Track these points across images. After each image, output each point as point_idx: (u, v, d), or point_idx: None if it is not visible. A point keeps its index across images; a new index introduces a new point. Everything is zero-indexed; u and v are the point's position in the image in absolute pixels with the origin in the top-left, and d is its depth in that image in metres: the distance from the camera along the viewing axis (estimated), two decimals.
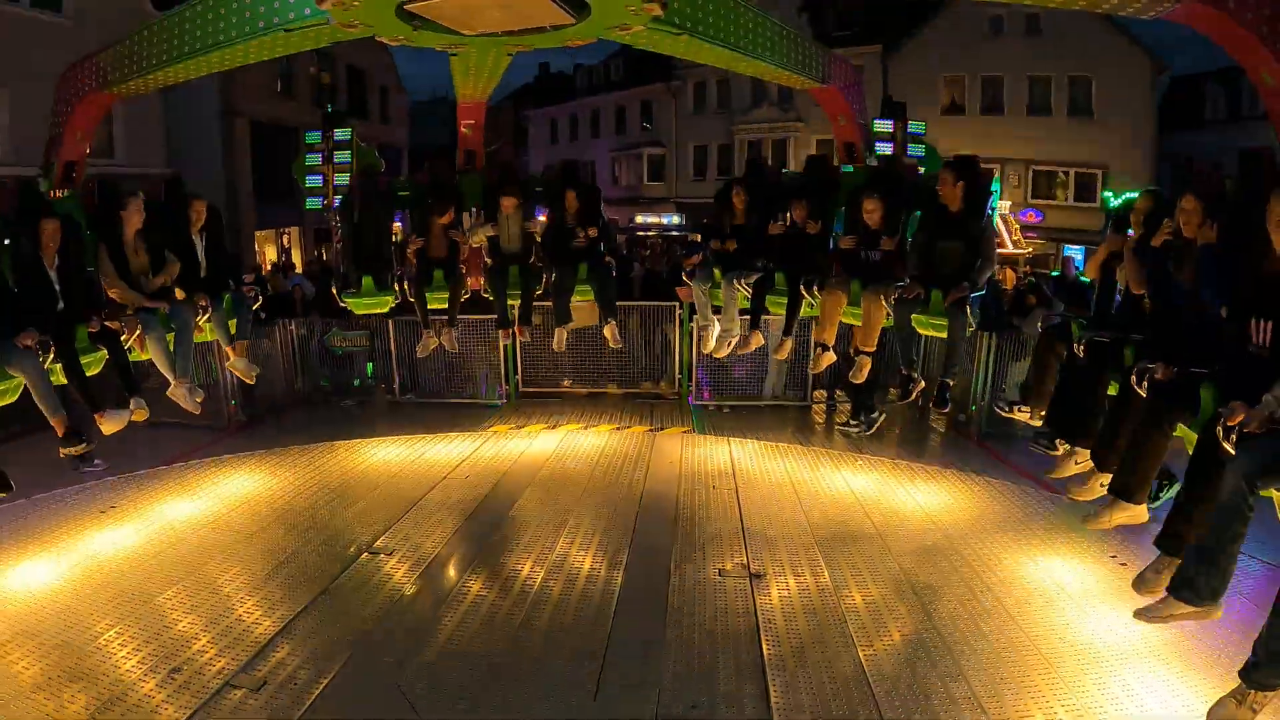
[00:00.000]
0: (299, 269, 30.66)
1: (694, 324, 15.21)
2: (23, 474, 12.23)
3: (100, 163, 21.89)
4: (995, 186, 8.78)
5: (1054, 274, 21.84)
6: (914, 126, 11.45)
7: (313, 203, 19.17)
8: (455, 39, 7.96)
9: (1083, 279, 14.03)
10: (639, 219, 54.77)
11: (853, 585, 8.84)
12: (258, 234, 34.95)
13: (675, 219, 52.95)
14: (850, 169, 10.09)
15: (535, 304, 15.11)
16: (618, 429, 14.68)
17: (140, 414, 8.41)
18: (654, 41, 8.06)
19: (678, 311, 15.84)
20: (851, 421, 14.19)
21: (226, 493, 11.84)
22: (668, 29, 7.62)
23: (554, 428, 14.72)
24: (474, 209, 10.82)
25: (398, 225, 11.33)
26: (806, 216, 9.33)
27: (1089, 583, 8.78)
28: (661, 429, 14.65)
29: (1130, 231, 6.58)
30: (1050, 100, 38.36)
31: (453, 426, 14.96)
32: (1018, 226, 31.90)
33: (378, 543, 9.94)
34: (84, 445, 7.82)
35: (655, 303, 16.12)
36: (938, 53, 39.48)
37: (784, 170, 10.60)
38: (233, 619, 8.16)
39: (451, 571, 9.26)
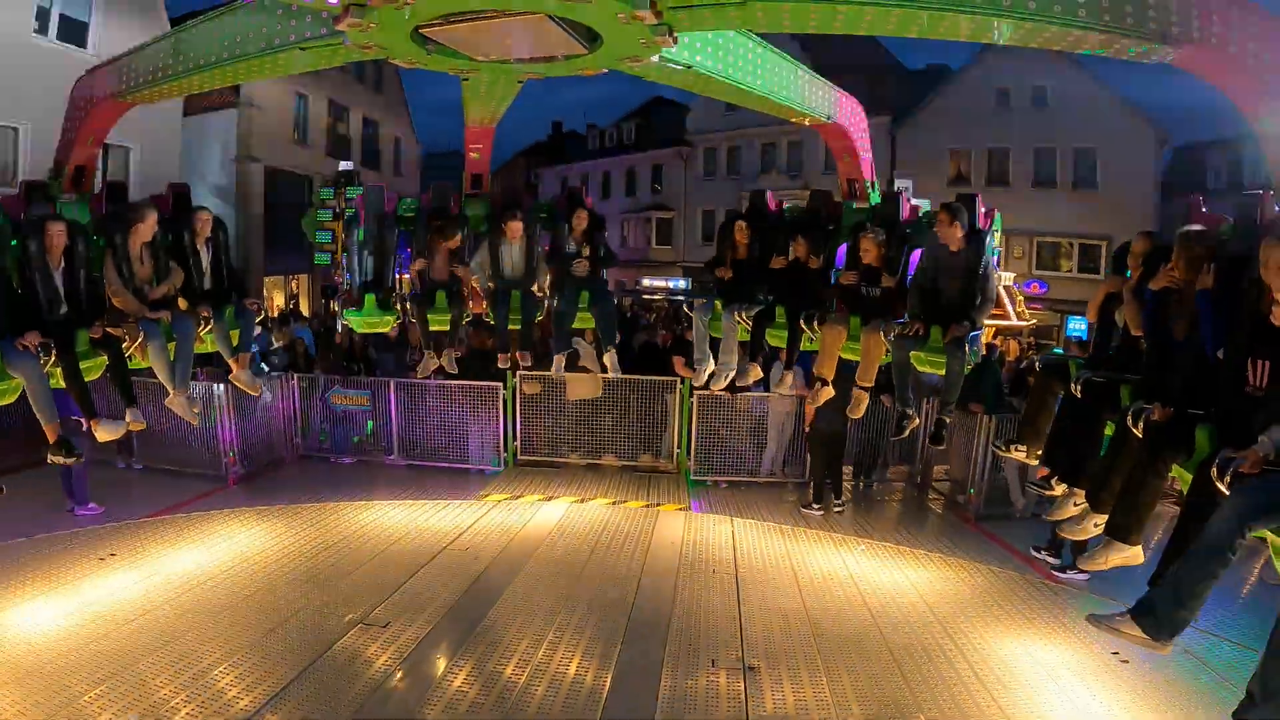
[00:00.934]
0: (306, 314, 30.85)
1: (694, 399, 15.42)
2: (24, 510, 12.77)
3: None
4: (997, 224, 8.81)
5: (1055, 351, 21.90)
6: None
7: (321, 258, 19.52)
8: (467, 64, 8.02)
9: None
10: (645, 282, 55.05)
11: (849, 691, 8.47)
12: (266, 279, 35.02)
13: (682, 283, 52.93)
14: (853, 205, 10.14)
15: (535, 374, 15.38)
16: (614, 503, 14.49)
17: (136, 425, 8.44)
18: (664, 74, 8.13)
19: (678, 385, 15.75)
20: (815, 505, 14.24)
21: (224, 550, 11.75)
22: (679, 63, 7.70)
23: (550, 499, 14.54)
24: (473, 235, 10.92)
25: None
26: (808, 252, 9.40)
27: (1089, 679, 8.62)
28: (659, 504, 14.48)
29: (1129, 273, 6.65)
30: (1055, 172, 38.69)
31: (450, 492, 14.88)
32: (1021, 298, 32.06)
33: (372, 614, 9.76)
34: (73, 458, 7.83)
35: (654, 377, 16.01)
36: (945, 124, 39.90)
37: (786, 206, 10.63)
38: (213, 691, 8.00)
39: (438, 659, 8.96)
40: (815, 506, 14.15)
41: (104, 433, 8.05)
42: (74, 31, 24.22)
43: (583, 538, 12.67)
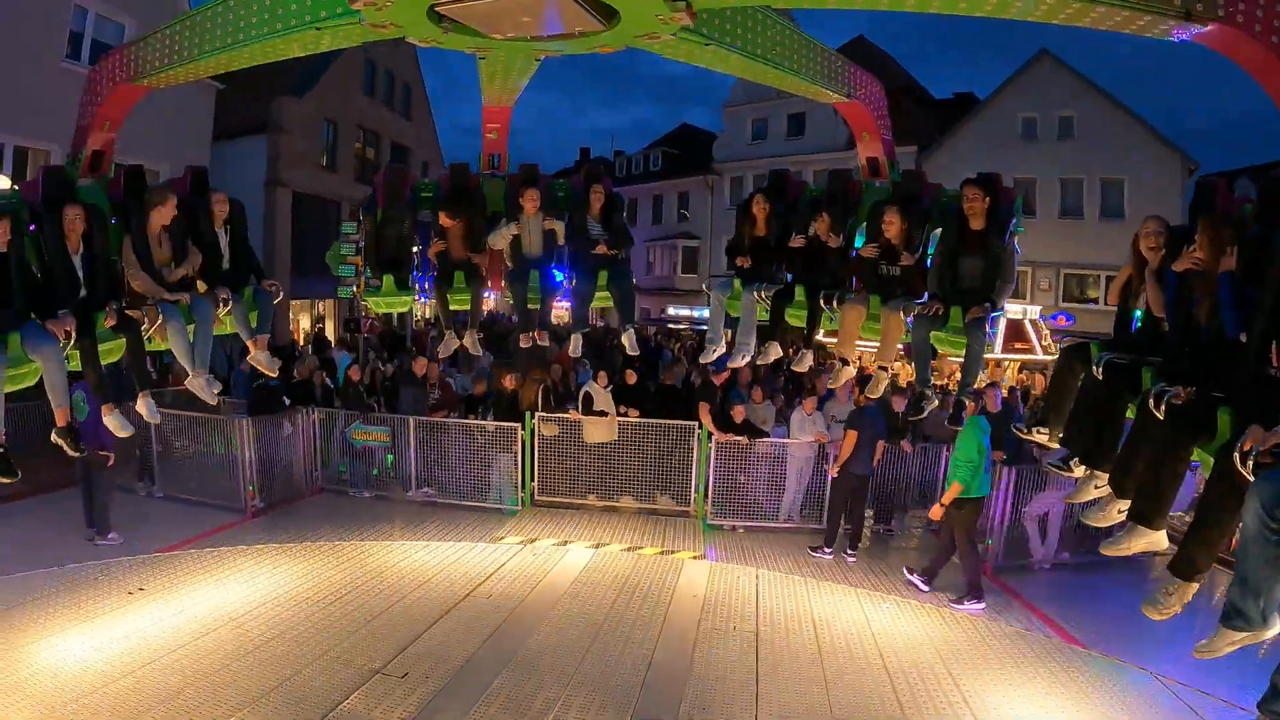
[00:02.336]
0: (333, 343, 31.02)
1: (712, 443, 15.35)
2: (45, 536, 13.43)
3: None
4: (1018, 205, 8.72)
5: None
6: None
7: (344, 291, 19.74)
8: (484, 42, 7.99)
9: None
10: (671, 310, 55.12)
11: None
12: (293, 303, 35.30)
13: (706, 312, 52.46)
14: (874, 184, 10.06)
15: (553, 416, 15.68)
16: (630, 549, 14.31)
17: (151, 418, 8.51)
18: (682, 51, 8.07)
19: (696, 430, 15.68)
20: (826, 549, 14.16)
21: (246, 590, 11.75)
22: (696, 39, 7.65)
23: (566, 543, 14.41)
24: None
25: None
26: (829, 230, 9.34)
27: None
28: (674, 551, 14.30)
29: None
30: (1082, 203, 38.31)
31: (469, 531, 14.90)
32: (1048, 331, 31.86)
33: (390, 665, 9.68)
34: (79, 450, 7.87)
35: (674, 422, 15.92)
36: (971, 154, 39.04)
37: (807, 184, 10.55)
38: None
39: (453, 715, 8.78)
40: (826, 550, 14.08)
41: (114, 423, 8.06)
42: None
43: (604, 589, 12.53)
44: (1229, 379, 5.12)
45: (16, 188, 8.18)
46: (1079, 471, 6.66)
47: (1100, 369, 6.25)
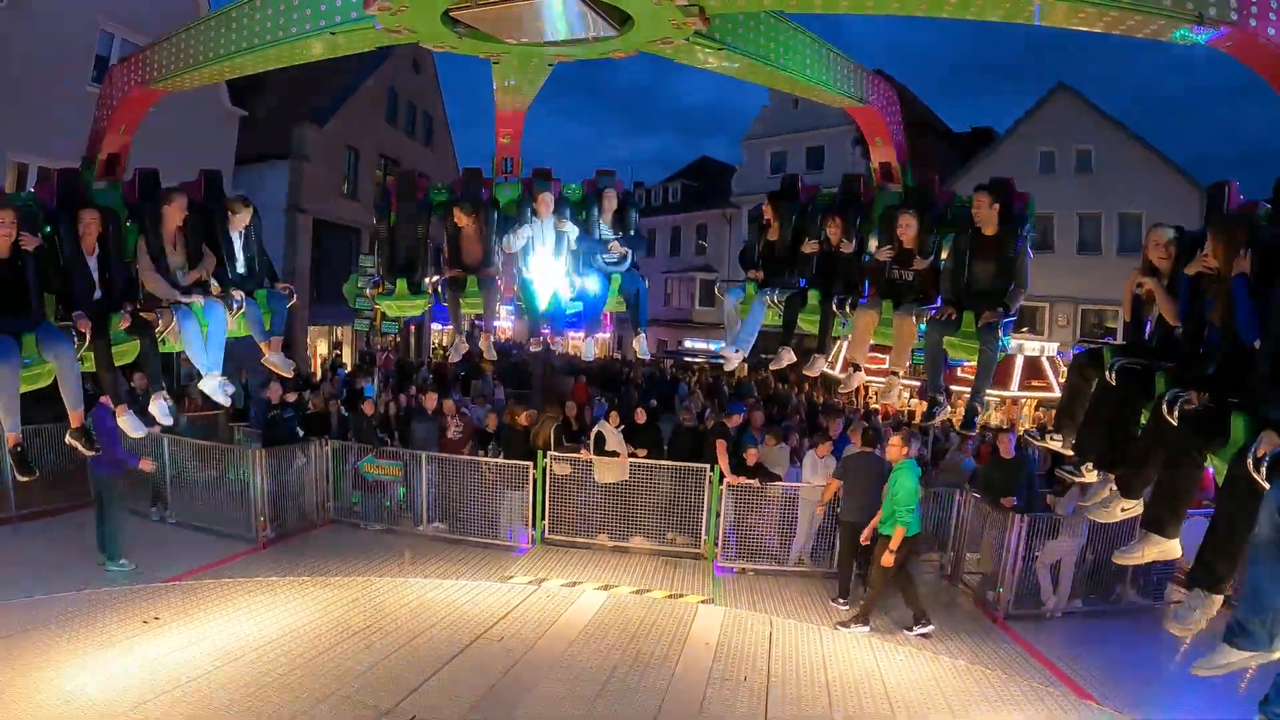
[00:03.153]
0: (347, 364, 31.08)
1: (724, 485, 15.10)
2: (56, 559, 13.43)
3: None
4: (1031, 209, 8.71)
5: None
6: None
7: (360, 324, 19.79)
8: (498, 47, 8.01)
9: None
10: (687, 343, 55.08)
11: None
12: (311, 328, 35.48)
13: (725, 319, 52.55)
14: (887, 189, 10.06)
15: (565, 455, 15.63)
16: (638, 592, 13.98)
17: (163, 419, 8.56)
18: (694, 57, 8.09)
19: (708, 473, 15.42)
20: (841, 599, 13.76)
21: (258, 625, 11.61)
22: (709, 44, 7.66)
23: (574, 584, 14.13)
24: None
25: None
26: (841, 235, 9.34)
27: None
28: (682, 595, 14.01)
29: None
30: (1100, 238, 37.98)
31: (480, 569, 14.77)
32: (1065, 368, 31.75)
33: (398, 707, 9.52)
34: (92, 450, 7.93)
35: (687, 464, 15.67)
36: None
37: (820, 189, 10.54)
38: None
39: None
40: (841, 601, 13.74)
41: (127, 424, 8.11)
42: None
43: (616, 633, 12.29)
44: (1243, 383, 5.10)
45: (33, 190, 8.22)
46: (1091, 476, 6.64)
47: (1113, 374, 6.23)
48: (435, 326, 52.40)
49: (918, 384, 16.13)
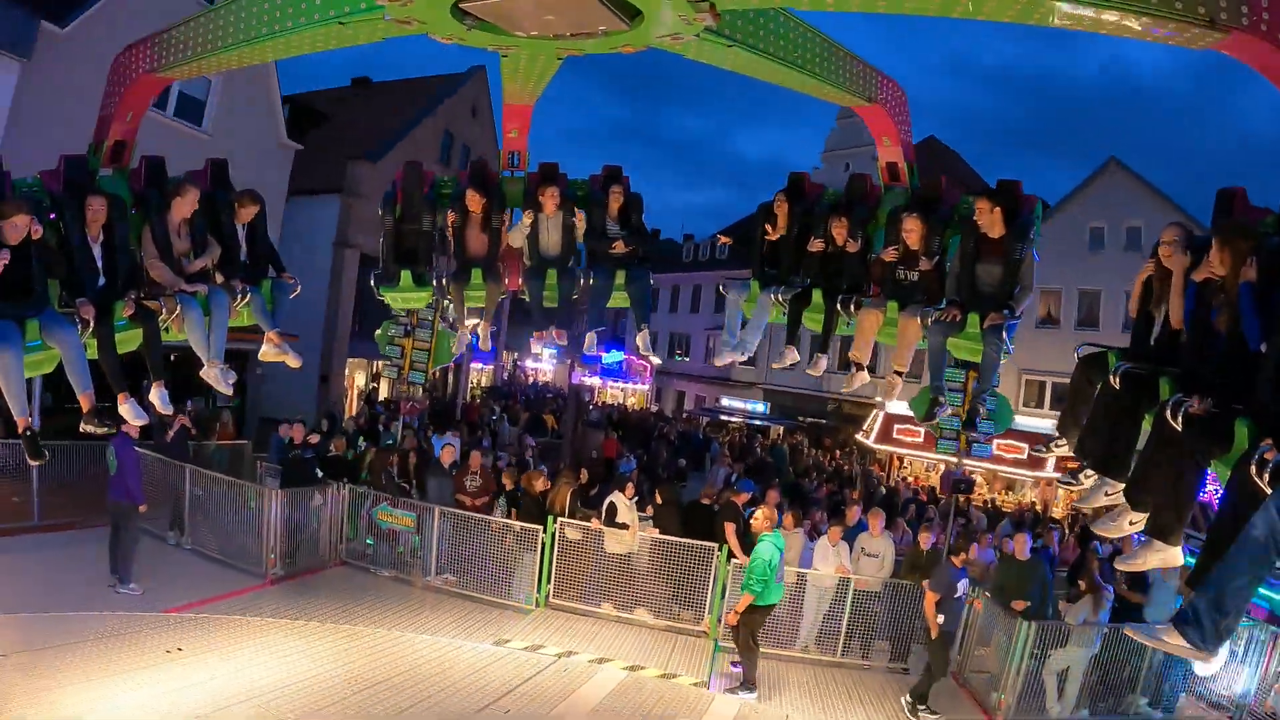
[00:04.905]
0: (384, 398, 31.37)
1: (731, 565, 14.91)
2: (69, 577, 13.78)
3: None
4: (1038, 212, 8.70)
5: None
6: None
7: (389, 371, 20.30)
8: (507, 40, 7.99)
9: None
10: (724, 401, 54.89)
11: None
12: (350, 361, 35.78)
13: (761, 406, 52.74)
14: (894, 189, 10.04)
15: (577, 522, 15.73)
16: (631, 670, 13.62)
17: (163, 408, 8.58)
18: (704, 53, 8.07)
19: (716, 553, 15.21)
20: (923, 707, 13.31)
21: (269, 668, 11.61)
22: (719, 40, 7.65)
23: (569, 654, 13.90)
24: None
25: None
26: (846, 234, 9.34)
27: None
28: (675, 676, 13.73)
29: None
30: None
31: (484, 626, 14.81)
32: None
33: None
34: (104, 429, 7.94)
35: (697, 541, 15.46)
36: (1037, 264, 38.31)
37: (826, 187, 10.53)
38: None
39: None
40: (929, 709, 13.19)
41: (128, 412, 8.11)
42: (191, 109, 25.94)
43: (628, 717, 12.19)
44: (1247, 389, 5.09)
45: (39, 175, 8.22)
46: (1089, 482, 6.63)
47: (1117, 378, 6.22)
48: (476, 365, 52.42)
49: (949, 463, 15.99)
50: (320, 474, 17.31)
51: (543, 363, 70.84)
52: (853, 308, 9.15)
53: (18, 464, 16.17)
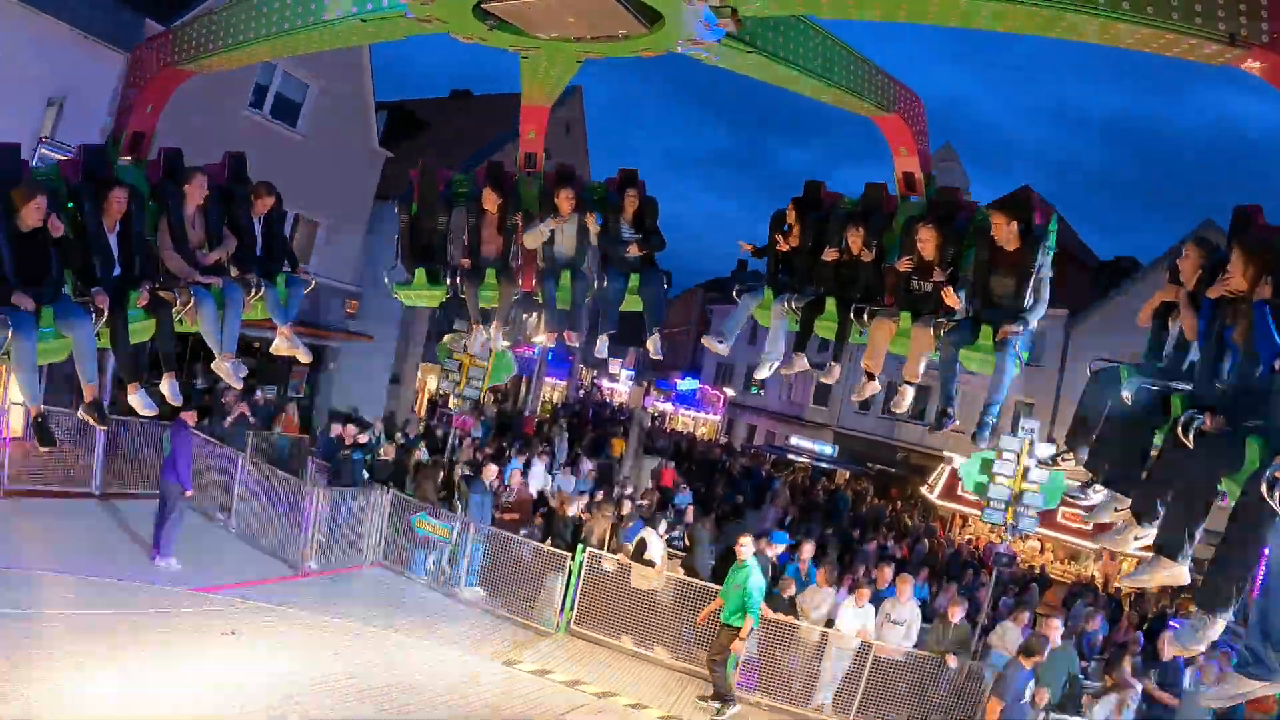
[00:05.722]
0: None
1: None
2: (127, 547, 14.84)
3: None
4: (1052, 225, 8.65)
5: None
6: None
7: (446, 384, 20.96)
8: (527, 41, 8.00)
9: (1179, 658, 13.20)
10: (793, 440, 54.53)
11: None
12: (423, 365, 35.97)
13: (829, 449, 52.20)
14: (910, 199, 10.02)
15: (609, 555, 15.92)
16: (635, 707, 13.67)
17: (172, 399, 8.64)
18: (724, 59, 8.06)
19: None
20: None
21: (305, 662, 12.05)
22: (739, 46, 7.64)
23: (575, 683, 13.97)
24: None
25: None
26: (862, 244, 9.33)
27: None
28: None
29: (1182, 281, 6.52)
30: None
31: (500, 645, 14.96)
32: None
33: None
34: (104, 425, 8.06)
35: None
36: (1123, 324, 37.59)
37: (841, 196, 10.51)
38: None
39: None
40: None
41: (138, 402, 8.15)
42: (286, 110, 26.55)
43: None
44: (1261, 407, 5.08)
45: (57, 164, 8.26)
46: (1097, 497, 6.61)
47: (1130, 394, 6.21)
48: (550, 381, 52.26)
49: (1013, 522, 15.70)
50: (367, 476, 17.89)
51: (619, 383, 70.30)
52: (866, 317, 9.13)
53: (85, 432, 16.77)
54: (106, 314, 7.59)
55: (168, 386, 8.54)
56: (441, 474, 18.75)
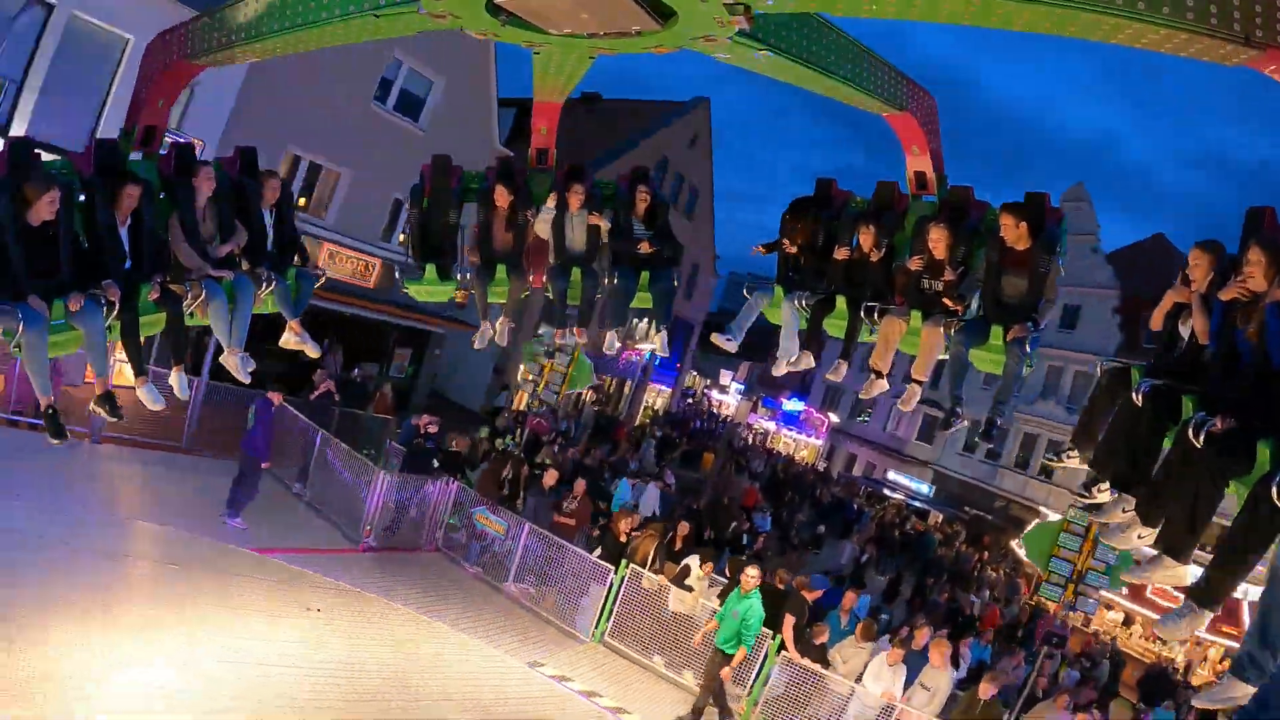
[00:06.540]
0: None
1: (780, 657, 14.69)
2: (205, 507, 15.74)
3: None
4: (1064, 225, 8.63)
5: None
6: None
7: (525, 387, 21.74)
8: (540, 37, 8.00)
9: None
10: (891, 474, 54.14)
11: None
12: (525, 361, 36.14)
13: (925, 488, 51.69)
14: (921, 198, 10.00)
15: (648, 573, 15.92)
16: None
17: (181, 394, 8.72)
18: (737, 56, 8.05)
19: (769, 640, 14.70)
20: None
21: (369, 645, 12.61)
22: (751, 44, 7.63)
23: (592, 695, 14.08)
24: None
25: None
26: (873, 243, 9.31)
27: None
28: None
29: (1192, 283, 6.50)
30: None
31: (528, 645, 15.25)
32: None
33: None
34: (116, 417, 8.05)
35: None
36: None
37: (852, 195, 10.49)
38: None
39: None
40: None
41: (146, 396, 8.19)
42: (410, 106, 27.89)
43: None
44: (1272, 410, 5.07)
45: (69, 158, 8.28)
46: (1102, 497, 6.59)
47: (1140, 395, 6.19)
48: (655, 387, 52.18)
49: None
50: (436, 465, 18.52)
51: (728, 395, 69.23)
52: (876, 316, 9.12)
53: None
54: (118, 307, 7.61)
55: (176, 380, 8.58)
56: (508, 470, 19.15)
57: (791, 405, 67.16)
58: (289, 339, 9.76)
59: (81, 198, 7.85)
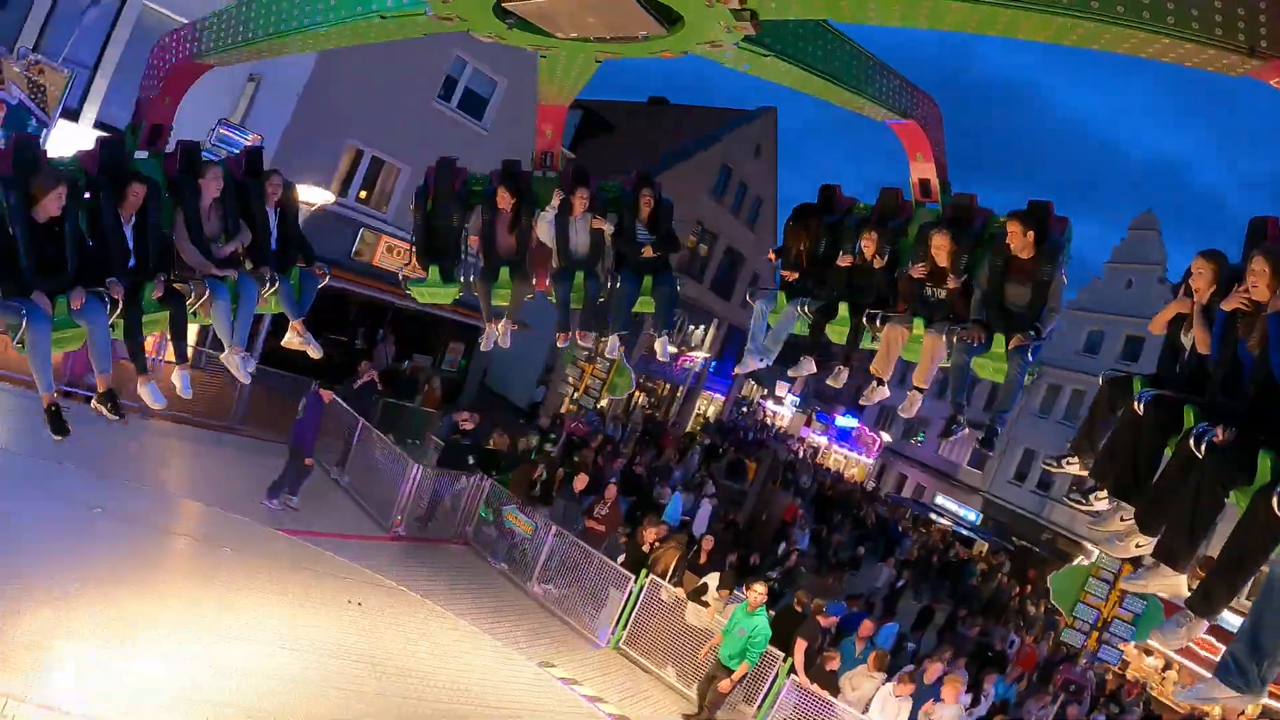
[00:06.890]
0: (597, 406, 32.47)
1: (788, 680, 14.64)
2: (248, 488, 16.23)
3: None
4: (1069, 234, 8.63)
5: None
6: None
7: (565, 389, 22.07)
8: (546, 40, 8.01)
9: None
10: (939, 499, 53.72)
11: None
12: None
13: (974, 515, 50.99)
14: (925, 205, 10.00)
15: (666, 584, 16.09)
16: None
17: (184, 394, 8.74)
18: (740, 61, 8.07)
19: (783, 659, 14.75)
20: None
21: (392, 639, 12.79)
22: (756, 50, 7.65)
23: (598, 700, 14.10)
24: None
25: None
26: (876, 250, 9.32)
27: None
28: None
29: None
30: None
31: (543, 645, 15.35)
32: None
33: None
34: (118, 416, 8.06)
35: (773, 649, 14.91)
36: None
37: (856, 201, 10.50)
38: None
39: None
40: None
41: (147, 395, 8.21)
42: (473, 105, 28.37)
43: None
44: (1274, 421, 5.07)
45: (76, 155, 8.30)
46: (1099, 505, 6.60)
47: (1141, 404, 6.19)
48: (708, 394, 52.12)
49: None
50: (472, 461, 18.75)
51: (783, 407, 68.21)
52: (879, 322, 9.12)
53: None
54: (122, 305, 7.64)
55: (178, 378, 8.61)
56: (541, 471, 19.22)
57: (845, 421, 66.74)
58: (291, 339, 9.77)
59: (87, 195, 7.89)
